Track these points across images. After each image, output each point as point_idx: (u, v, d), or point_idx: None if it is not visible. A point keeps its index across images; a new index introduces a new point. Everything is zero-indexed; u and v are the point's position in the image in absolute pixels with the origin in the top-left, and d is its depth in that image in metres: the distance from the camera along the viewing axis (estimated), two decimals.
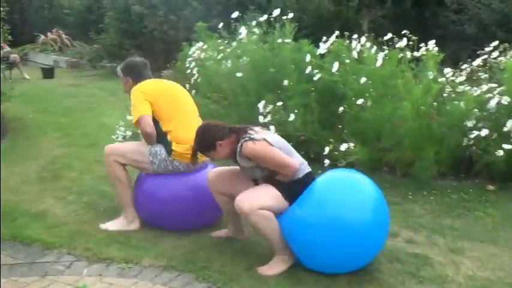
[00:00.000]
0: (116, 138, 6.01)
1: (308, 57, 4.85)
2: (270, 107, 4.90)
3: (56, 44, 16.67)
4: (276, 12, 5.46)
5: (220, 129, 3.20)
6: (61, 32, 17.06)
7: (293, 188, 3.12)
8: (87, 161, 5.48)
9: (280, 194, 3.10)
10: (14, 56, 12.96)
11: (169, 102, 3.78)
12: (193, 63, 7.81)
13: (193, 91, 6.71)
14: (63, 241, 3.40)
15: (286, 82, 4.97)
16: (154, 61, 12.88)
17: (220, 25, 7.40)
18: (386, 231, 3.13)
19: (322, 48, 4.96)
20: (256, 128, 3.25)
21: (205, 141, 3.20)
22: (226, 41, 7.06)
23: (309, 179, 3.16)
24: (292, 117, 4.70)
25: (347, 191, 3.09)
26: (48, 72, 13.13)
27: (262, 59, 5.42)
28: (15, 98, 9.05)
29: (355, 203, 3.01)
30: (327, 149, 4.54)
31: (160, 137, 3.68)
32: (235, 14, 5.93)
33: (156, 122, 3.68)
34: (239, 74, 5.55)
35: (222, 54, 6.66)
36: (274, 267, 3.10)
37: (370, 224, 2.97)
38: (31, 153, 5.82)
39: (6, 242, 3.39)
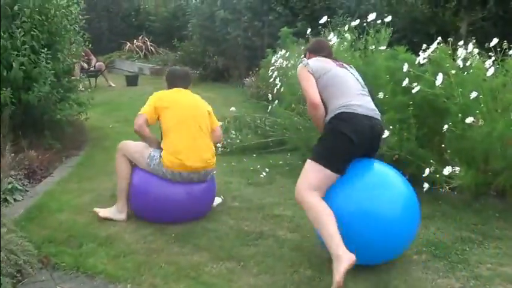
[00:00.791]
0: None
1: (405, 67, 4.31)
2: None
3: (141, 51, 16.88)
4: (372, 16, 4.97)
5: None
6: (146, 39, 17.26)
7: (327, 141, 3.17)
8: None
9: (318, 164, 3.07)
10: (100, 64, 13.18)
11: (173, 116, 4.13)
12: (275, 72, 7.47)
13: (276, 101, 6.36)
14: (128, 275, 3.09)
15: (381, 94, 4.46)
16: (236, 68, 12.75)
17: (308, 31, 7.00)
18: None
19: (422, 56, 4.40)
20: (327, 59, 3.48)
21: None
22: None
23: (351, 120, 3.09)
24: (386, 133, 4.20)
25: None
26: (132, 80, 13.22)
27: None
28: (97, 107, 9.08)
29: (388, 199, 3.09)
30: (427, 171, 4.01)
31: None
32: (323, 19, 5.47)
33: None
34: None
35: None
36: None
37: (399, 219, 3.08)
38: (106, 167, 5.63)
39: (68, 273, 3.13)
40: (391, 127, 4.31)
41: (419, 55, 4.71)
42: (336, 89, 3.25)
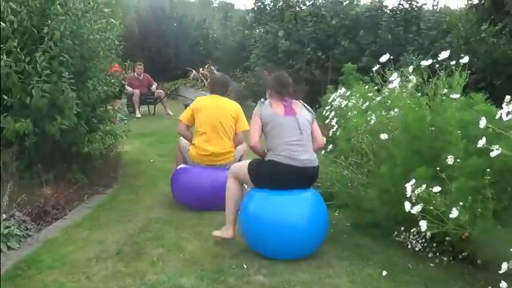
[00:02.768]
0: None
1: (483, 122, 3.31)
2: (422, 188, 3.44)
3: (206, 80, 16.43)
4: (444, 54, 3.99)
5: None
6: (213, 67, 16.82)
7: (258, 169, 4.05)
8: (184, 231, 4.43)
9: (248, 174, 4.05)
10: (159, 92, 12.82)
11: (202, 117, 5.11)
12: (332, 113, 6.59)
13: (330, 146, 5.48)
14: None
15: (450, 159, 3.46)
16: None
17: (375, 67, 6.08)
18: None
19: (506, 110, 3.36)
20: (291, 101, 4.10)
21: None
22: (375, 87, 5.78)
23: (274, 169, 3.92)
24: (455, 213, 3.21)
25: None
26: None
27: (417, 118, 3.98)
28: (146, 137, 8.58)
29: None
30: (504, 266, 3.00)
31: None
32: (384, 57, 4.55)
33: None
34: (384, 136, 4.18)
35: (367, 103, 5.36)
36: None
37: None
38: (126, 212, 4.94)
39: None
40: (461, 203, 3.30)
41: (501, 106, 3.74)
42: (273, 139, 3.99)
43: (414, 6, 10.93)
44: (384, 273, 3.61)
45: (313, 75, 10.92)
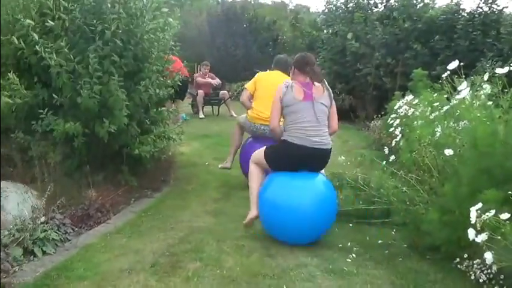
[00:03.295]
0: None
1: None
2: (490, 214, 2.99)
3: None
4: None
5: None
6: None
7: (274, 152, 4.40)
8: (226, 243, 4.14)
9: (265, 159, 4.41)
10: (223, 93, 12.65)
11: (262, 87, 5.93)
12: (397, 121, 6.13)
13: (392, 157, 5.05)
14: None
15: None
16: (364, 109, 11.40)
17: (445, 74, 5.56)
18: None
19: None
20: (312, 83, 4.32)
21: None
22: (445, 96, 5.31)
23: (289, 150, 4.22)
24: None
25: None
26: None
27: (488, 133, 3.51)
28: (206, 138, 8.39)
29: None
30: None
31: None
32: (453, 65, 4.08)
33: None
34: (449, 151, 3.72)
35: (436, 113, 4.89)
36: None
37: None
38: (170, 219, 4.71)
39: None
40: None
41: None
42: (290, 121, 4.27)
43: (494, 10, 10.19)
44: None
45: (382, 81, 10.39)
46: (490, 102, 3.78)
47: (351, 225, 4.66)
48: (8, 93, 4.95)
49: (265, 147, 4.48)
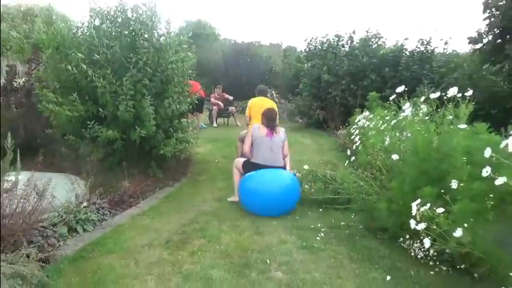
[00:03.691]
0: None
1: (488, 152, 2.54)
2: (426, 207, 2.69)
3: None
4: (453, 91, 3.19)
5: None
6: (273, 92, 16.25)
7: (247, 165, 4.58)
8: (226, 223, 3.85)
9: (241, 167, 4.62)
10: (232, 108, 12.38)
11: (254, 110, 5.88)
12: (357, 131, 5.83)
13: (353, 158, 4.76)
14: None
15: (454, 184, 2.70)
16: (333, 121, 11.10)
17: (393, 96, 5.24)
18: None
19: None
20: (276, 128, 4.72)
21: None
22: (393, 113, 5.03)
23: (254, 166, 4.49)
24: (459, 232, 2.46)
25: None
26: None
27: (426, 142, 3.22)
28: (218, 142, 8.13)
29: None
30: None
31: None
32: (400, 89, 3.80)
33: None
34: (395, 157, 3.43)
35: (385, 125, 4.60)
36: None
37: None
38: (186, 204, 4.44)
39: None
40: (465, 225, 2.54)
41: (499, 132, 2.96)
42: (256, 150, 4.57)
43: (428, 49, 9.86)
44: (388, 277, 2.88)
45: (347, 101, 10.08)
46: (426, 118, 3.48)
47: (321, 210, 4.37)
48: (68, 108, 4.69)
49: (243, 159, 4.69)
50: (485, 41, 8.50)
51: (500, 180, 2.39)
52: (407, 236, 3.31)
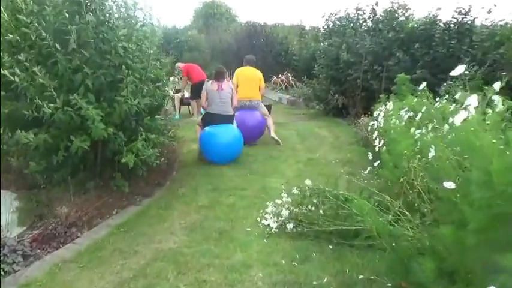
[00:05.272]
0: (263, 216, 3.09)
1: None
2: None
3: (283, 84, 14.47)
4: None
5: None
6: (289, 74, 14.79)
7: (205, 116, 5.64)
8: (185, 279, 2.56)
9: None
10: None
11: (241, 77, 6.51)
12: (376, 129, 4.45)
13: (376, 162, 3.43)
14: None
15: None
16: (354, 107, 9.61)
17: (422, 85, 3.76)
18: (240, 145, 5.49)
19: None
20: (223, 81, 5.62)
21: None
22: (430, 102, 3.66)
23: (210, 116, 5.54)
24: None
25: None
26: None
27: (506, 168, 1.81)
28: None
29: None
30: None
31: None
32: (457, 71, 2.37)
33: None
34: (448, 185, 2.04)
35: (429, 128, 3.19)
36: None
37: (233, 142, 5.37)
38: (143, 237, 3.18)
39: None
40: None
41: None
42: (210, 102, 5.56)
43: (467, 21, 8.18)
44: None
45: (369, 84, 8.53)
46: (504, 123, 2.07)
47: (330, 247, 3.03)
48: None
49: (203, 115, 5.81)
50: None
51: None
52: None
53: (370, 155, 4.01)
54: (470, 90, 2.52)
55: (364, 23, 9.93)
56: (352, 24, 10.06)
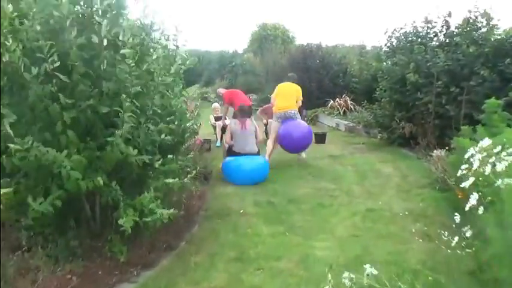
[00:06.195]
0: None
1: None
2: None
3: (341, 108, 13.19)
4: None
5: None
6: (347, 98, 13.52)
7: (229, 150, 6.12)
8: None
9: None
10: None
11: (282, 91, 6.89)
12: (469, 175, 3.12)
13: (467, 230, 2.20)
14: None
15: None
16: (424, 137, 8.13)
17: None
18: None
19: None
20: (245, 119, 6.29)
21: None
22: None
23: (234, 152, 6.01)
24: None
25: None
26: (320, 138, 9.53)
27: None
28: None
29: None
30: None
31: None
32: None
33: None
34: None
35: None
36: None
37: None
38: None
39: None
40: None
41: None
42: (235, 141, 6.10)
43: None
44: None
45: (445, 110, 7.06)
46: None
47: None
48: None
49: (228, 146, 6.29)
50: None
51: None
52: None
53: (457, 217, 2.75)
54: None
55: (435, 37, 8.53)
56: (420, 40, 8.70)
